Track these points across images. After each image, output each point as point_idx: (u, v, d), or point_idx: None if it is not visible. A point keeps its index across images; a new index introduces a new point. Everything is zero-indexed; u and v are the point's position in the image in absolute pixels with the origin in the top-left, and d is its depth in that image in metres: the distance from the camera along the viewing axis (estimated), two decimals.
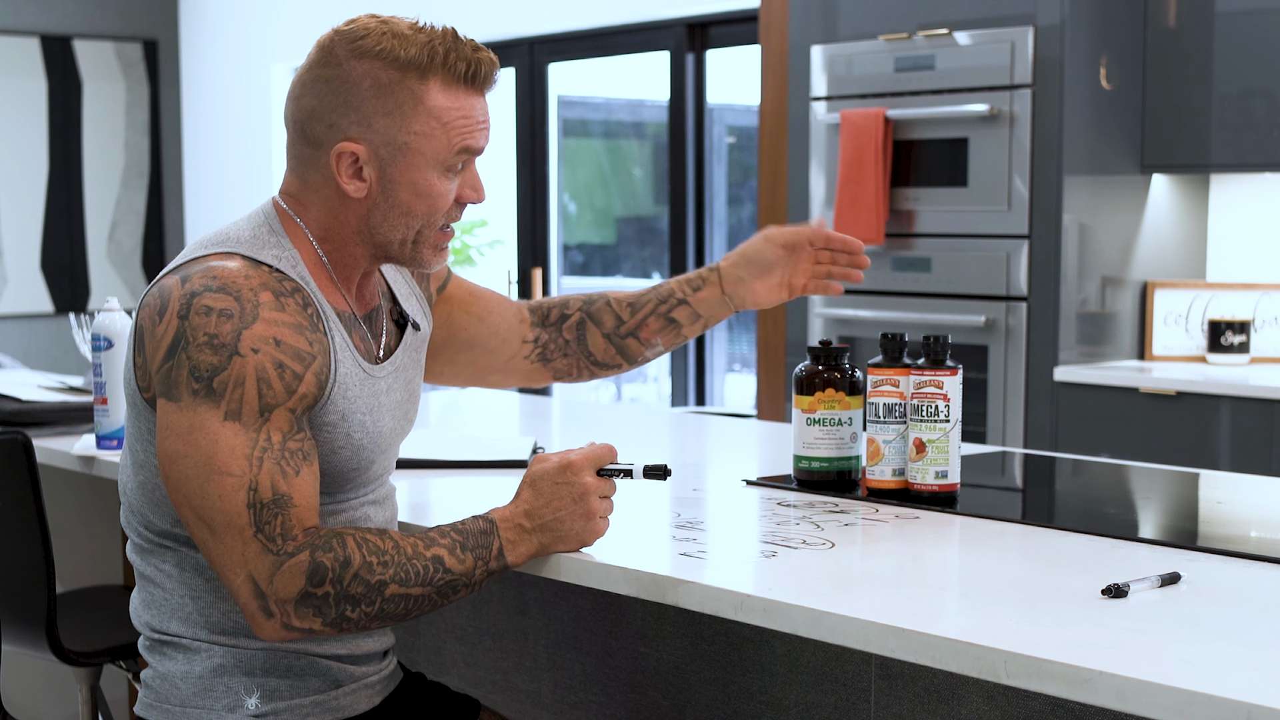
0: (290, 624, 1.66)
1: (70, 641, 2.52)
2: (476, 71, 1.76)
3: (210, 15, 7.54)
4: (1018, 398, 4.10)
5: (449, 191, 1.78)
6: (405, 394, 1.91)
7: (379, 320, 1.89)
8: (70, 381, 3.13)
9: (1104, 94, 4.07)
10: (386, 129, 1.74)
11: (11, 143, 7.34)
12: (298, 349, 1.70)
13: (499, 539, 1.74)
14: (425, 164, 1.76)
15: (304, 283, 1.76)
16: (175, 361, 1.67)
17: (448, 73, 1.74)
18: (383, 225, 1.78)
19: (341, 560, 1.65)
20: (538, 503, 1.76)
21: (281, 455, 1.67)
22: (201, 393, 1.65)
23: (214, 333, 1.65)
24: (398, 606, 1.69)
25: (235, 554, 1.65)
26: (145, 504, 1.80)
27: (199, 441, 1.65)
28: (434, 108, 1.74)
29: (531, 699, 2.38)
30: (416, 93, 1.74)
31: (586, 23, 5.92)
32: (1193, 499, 2.25)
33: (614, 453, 1.79)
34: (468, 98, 1.76)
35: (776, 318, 4.73)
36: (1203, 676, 1.29)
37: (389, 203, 1.77)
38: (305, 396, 1.71)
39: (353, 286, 1.85)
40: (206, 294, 1.67)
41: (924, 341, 2.03)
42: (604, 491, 1.78)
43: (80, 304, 7.57)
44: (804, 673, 1.99)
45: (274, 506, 1.65)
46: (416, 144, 1.75)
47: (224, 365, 1.65)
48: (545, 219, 6.31)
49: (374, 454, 1.83)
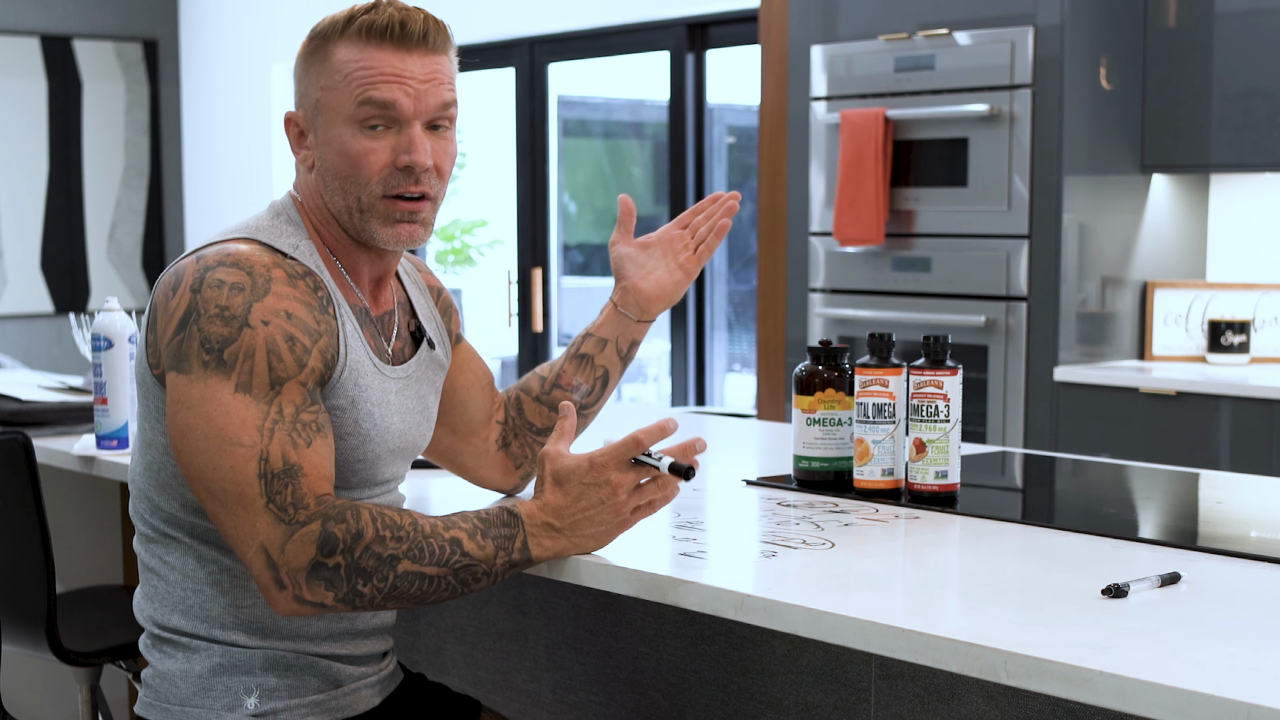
0: (302, 596, 1.65)
1: (70, 641, 2.52)
2: (388, 26, 1.77)
3: (210, 15, 7.53)
4: (1018, 398, 4.10)
5: (370, 150, 1.78)
6: (417, 405, 1.91)
7: (392, 324, 1.90)
8: (70, 381, 3.13)
9: (1104, 94, 4.07)
10: (306, 90, 1.82)
11: (11, 143, 7.34)
12: (306, 324, 1.72)
13: (524, 533, 1.72)
14: (337, 119, 1.78)
15: (318, 271, 1.78)
16: (186, 334, 1.68)
17: (355, 30, 1.78)
18: (329, 194, 1.81)
19: (354, 532, 1.64)
20: (566, 501, 1.74)
21: (293, 427, 1.67)
22: (212, 364, 1.67)
23: (225, 304, 1.68)
24: (412, 586, 1.67)
25: (247, 525, 1.65)
26: (151, 485, 1.81)
27: (210, 414, 1.66)
28: (337, 62, 1.78)
29: (531, 699, 2.38)
30: (326, 51, 1.80)
31: (586, 23, 5.92)
32: (1193, 499, 2.25)
33: (640, 444, 1.74)
34: (375, 51, 1.77)
35: (776, 318, 4.73)
36: (1203, 676, 1.29)
37: (324, 165, 1.81)
38: (315, 370, 1.71)
39: (364, 284, 1.87)
40: (220, 268, 1.70)
41: (924, 341, 2.03)
42: (633, 485, 1.75)
43: (80, 304, 7.57)
44: (804, 673, 1.99)
45: (285, 476, 1.65)
46: (326, 99, 1.79)
47: (234, 336, 1.67)
48: (545, 219, 6.31)
49: (380, 450, 1.83)
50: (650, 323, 2.11)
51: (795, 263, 4.61)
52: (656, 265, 2.10)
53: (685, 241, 2.11)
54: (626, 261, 2.10)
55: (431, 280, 2.06)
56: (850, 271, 4.45)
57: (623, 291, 2.09)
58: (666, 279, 2.09)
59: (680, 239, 2.12)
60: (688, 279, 2.11)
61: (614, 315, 2.09)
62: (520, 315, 6.28)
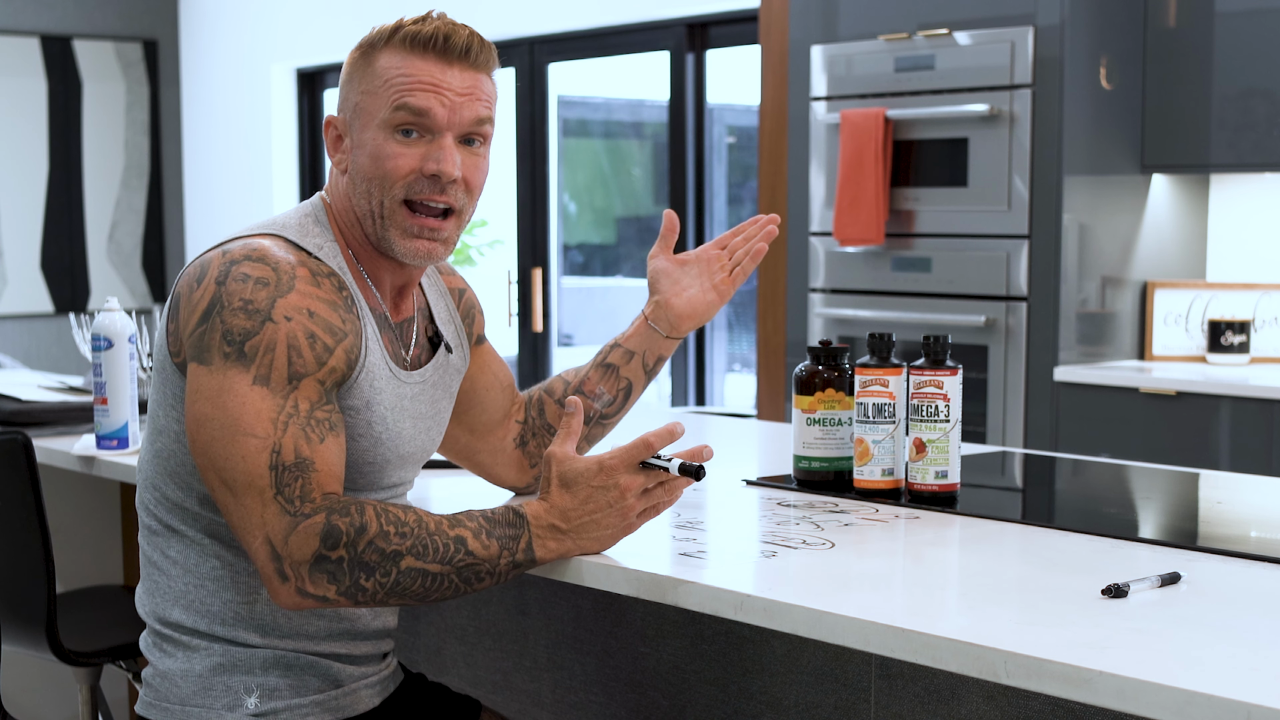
0: (305, 589, 1.66)
1: (70, 641, 2.52)
2: (432, 37, 1.79)
3: (210, 15, 7.54)
4: (1018, 398, 4.10)
5: (399, 155, 1.79)
6: (431, 410, 1.91)
7: (410, 331, 1.91)
8: (70, 381, 3.13)
9: (1104, 94, 4.06)
10: (348, 95, 1.84)
11: (11, 143, 7.34)
12: (330, 323, 1.73)
13: (529, 533, 1.72)
14: (373, 123, 1.80)
15: (341, 272, 1.80)
16: (209, 325, 1.70)
17: (400, 39, 1.80)
18: (356, 197, 1.82)
19: (358, 526, 1.65)
20: (573, 503, 1.74)
21: (307, 422, 1.69)
22: (233, 356, 1.68)
23: (249, 298, 1.69)
24: (414, 582, 1.67)
25: (255, 515, 1.66)
26: (158, 473, 1.81)
27: (227, 404, 1.67)
28: (379, 68, 1.80)
29: (531, 699, 2.38)
30: (371, 58, 1.82)
31: (586, 23, 5.92)
32: (1193, 499, 2.25)
33: (649, 447, 1.75)
34: (418, 60, 1.79)
35: (776, 318, 4.73)
36: (1203, 676, 1.29)
37: (355, 168, 1.82)
38: (335, 370, 1.73)
39: (385, 290, 1.88)
40: (246, 262, 1.72)
41: (924, 341, 2.03)
42: (641, 488, 1.75)
43: (80, 304, 7.57)
44: (804, 673, 1.99)
45: (295, 470, 1.66)
46: (364, 103, 1.81)
47: (256, 330, 1.68)
48: (545, 219, 6.31)
49: (390, 454, 1.83)
50: (679, 340, 2.12)
51: (795, 263, 4.61)
52: (691, 283, 2.11)
53: (722, 263, 2.12)
54: (662, 276, 2.11)
55: (454, 282, 2.06)
56: (850, 271, 4.45)
57: (655, 306, 2.10)
58: (699, 298, 2.10)
59: (718, 259, 2.12)
60: (721, 300, 2.12)
61: (644, 328, 2.10)
62: (520, 315, 6.28)
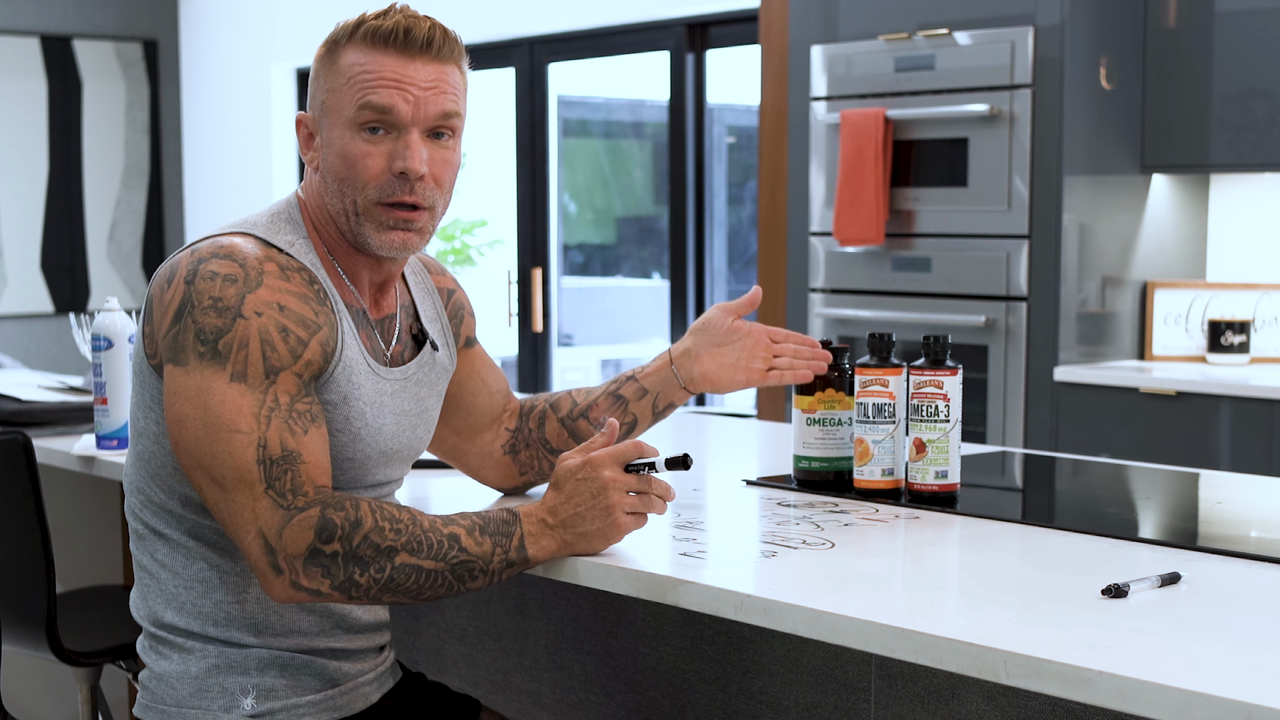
0: (299, 583, 1.66)
1: (70, 641, 2.52)
2: (393, 31, 1.78)
3: (210, 15, 7.53)
4: (1018, 398, 4.10)
5: (367, 154, 1.78)
6: (416, 408, 1.91)
7: (392, 328, 1.90)
8: (70, 381, 3.13)
9: (1104, 94, 4.06)
10: (315, 92, 1.83)
11: (11, 143, 7.34)
12: (302, 316, 1.73)
13: (521, 530, 1.73)
14: (339, 121, 1.79)
15: (314, 269, 1.79)
16: (181, 326, 1.70)
17: (362, 35, 1.79)
18: (329, 195, 1.82)
19: (353, 520, 1.66)
20: (559, 499, 1.75)
21: (289, 415, 1.69)
22: (207, 355, 1.68)
23: (218, 296, 1.69)
24: (408, 579, 1.68)
25: (246, 510, 1.66)
26: (142, 476, 1.81)
27: (207, 403, 1.68)
28: (343, 65, 1.80)
29: (531, 699, 2.38)
30: (335, 55, 1.81)
31: (586, 23, 5.92)
32: (1193, 499, 2.25)
33: (640, 448, 1.76)
34: (380, 56, 1.78)
35: (776, 318, 4.73)
36: (1203, 676, 1.29)
37: (326, 167, 1.81)
38: (311, 363, 1.73)
39: (363, 287, 1.87)
40: (213, 260, 1.72)
41: (924, 341, 2.03)
42: (626, 486, 1.76)
43: (80, 304, 7.57)
44: (804, 673, 1.99)
45: (283, 462, 1.66)
46: (330, 101, 1.80)
47: (228, 328, 1.68)
48: (545, 219, 6.31)
49: (371, 450, 1.83)
50: (692, 394, 2.11)
51: (795, 263, 4.61)
52: (729, 352, 2.10)
53: (767, 355, 2.10)
54: (713, 325, 2.09)
55: (443, 282, 2.05)
56: (850, 271, 4.45)
57: (684, 353, 2.09)
58: (728, 370, 2.09)
59: (767, 348, 2.10)
60: (746, 384, 2.10)
61: (665, 370, 2.08)
62: (520, 315, 6.28)
